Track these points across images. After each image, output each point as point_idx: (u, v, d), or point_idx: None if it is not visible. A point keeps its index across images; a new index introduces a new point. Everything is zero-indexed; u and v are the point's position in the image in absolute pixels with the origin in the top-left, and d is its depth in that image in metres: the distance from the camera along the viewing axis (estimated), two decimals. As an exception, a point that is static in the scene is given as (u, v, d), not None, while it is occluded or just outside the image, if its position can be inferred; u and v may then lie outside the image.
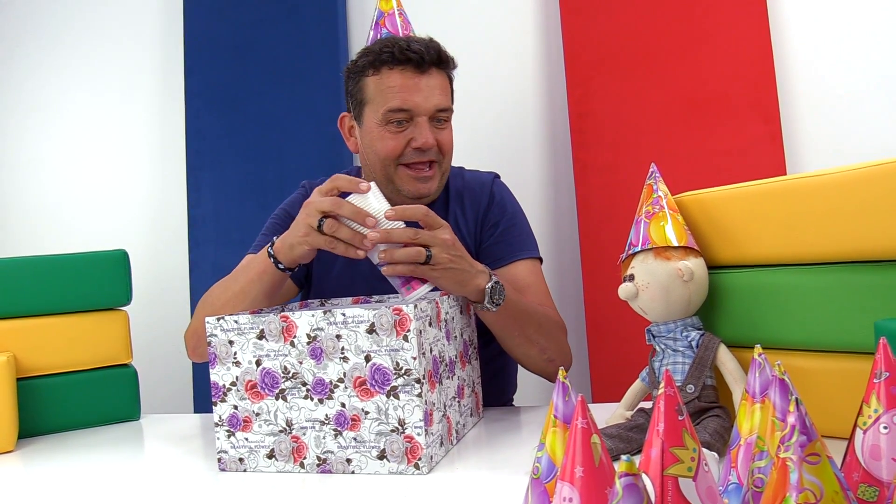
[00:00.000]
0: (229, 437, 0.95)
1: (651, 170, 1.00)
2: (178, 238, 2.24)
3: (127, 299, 1.36)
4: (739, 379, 0.88)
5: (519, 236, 1.34)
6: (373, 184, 1.01)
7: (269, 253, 1.08)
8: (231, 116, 2.16)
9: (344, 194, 1.00)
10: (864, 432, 0.59)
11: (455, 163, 1.37)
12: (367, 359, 0.88)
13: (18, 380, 1.23)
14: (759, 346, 0.67)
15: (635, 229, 0.96)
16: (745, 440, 0.67)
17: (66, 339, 1.30)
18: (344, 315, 0.88)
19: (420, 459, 0.86)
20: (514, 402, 1.46)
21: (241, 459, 0.95)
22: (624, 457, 0.41)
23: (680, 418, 0.55)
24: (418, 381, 0.86)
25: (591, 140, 1.89)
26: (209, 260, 2.13)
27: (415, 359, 0.86)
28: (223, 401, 0.95)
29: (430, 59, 1.21)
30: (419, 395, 0.86)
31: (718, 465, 0.78)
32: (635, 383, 1.00)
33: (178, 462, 1.04)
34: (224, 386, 0.95)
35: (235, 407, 0.94)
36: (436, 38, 1.27)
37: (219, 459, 0.96)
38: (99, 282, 1.32)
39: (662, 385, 0.56)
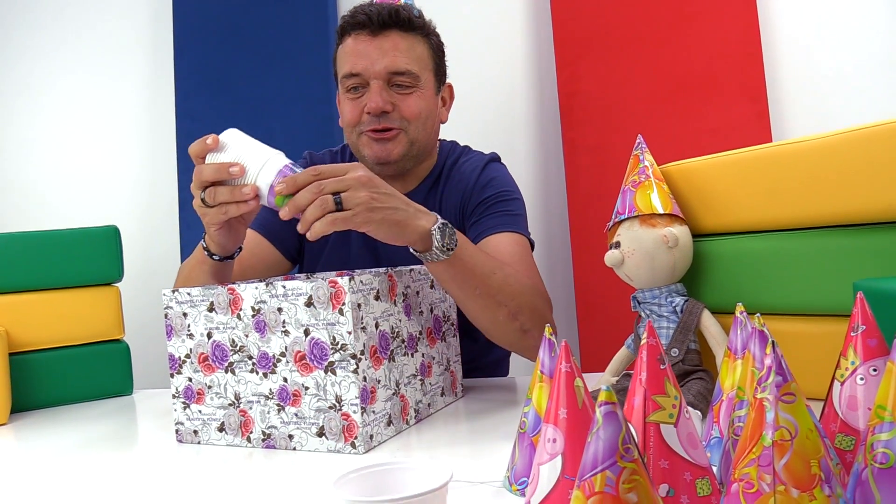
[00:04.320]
0: (185, 409, 0.95)
1: (637, 141, 1.01)
2: (170, 219, 2.24)
3: (119, 275, 1.36)
4: (722, 342, 0.90)
5: (505, 213, 1.22)
6: (229, 131, 0.95)
7: (203, 246, 1.06)
8: (221, 97, 2.16)
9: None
10: (842, 384, 0.61)
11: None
12: (307, 332, 0.85)
13: (11, 354, 1.24)
14: (740, 304, 0.68)
15: (622, 198, 0.98)
16: (727, 395, 0.68)
17: (58, 314, 1.30)
18: (284, 287, 0.86)
19: (356, 438, 0.83)
20: None
21: (195, 431, 0.94)
22: (603, 386, 0.43)
23: (662, 367, 0.57)
24: (354, 356, 0.83)
25: (580, 120, 1.91)
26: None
27: (350, 333, 0.83)
28: (179, 373, 0.94)
29: (381, 20, 1.16)
30: (355, 372, 0.83)
31: (702, 424, 0.80)
32: (621, 350, 1.01)
33: (159, 435, 1.04)
34: (180, 358, 0.94)
35: (190, 379, 0.94)
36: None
37: (176, 431, 0.96)
38: (91, 257, 1.33)
39: (645, 336, 0.58)
